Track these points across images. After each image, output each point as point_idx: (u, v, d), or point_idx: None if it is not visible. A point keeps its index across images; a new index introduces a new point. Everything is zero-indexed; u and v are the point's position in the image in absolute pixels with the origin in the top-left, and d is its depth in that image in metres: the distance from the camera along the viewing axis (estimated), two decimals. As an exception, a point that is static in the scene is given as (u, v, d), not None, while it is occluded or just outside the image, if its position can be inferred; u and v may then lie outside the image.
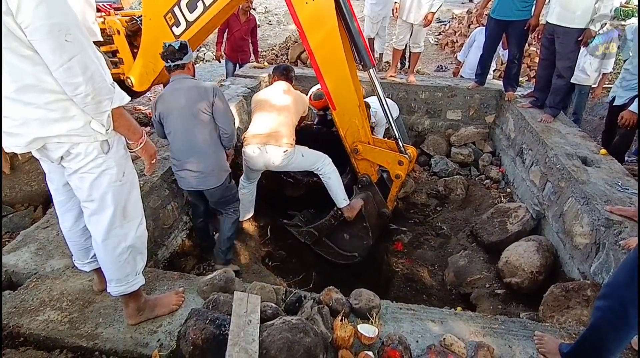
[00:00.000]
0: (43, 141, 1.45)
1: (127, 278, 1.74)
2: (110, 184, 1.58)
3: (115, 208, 1.61)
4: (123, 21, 3.86)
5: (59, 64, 1.29)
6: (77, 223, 1.78)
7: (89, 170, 1.53)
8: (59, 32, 1.27)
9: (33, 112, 1.37)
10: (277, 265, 3.58)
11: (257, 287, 1.99)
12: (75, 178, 1.55)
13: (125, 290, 1.76)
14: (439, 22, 10.90)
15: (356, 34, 3.07)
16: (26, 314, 1.89)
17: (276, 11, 12.42)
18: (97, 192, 1.57)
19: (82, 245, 1.85)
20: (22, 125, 1.39)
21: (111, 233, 1.64)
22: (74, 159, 1.51)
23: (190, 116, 2.62)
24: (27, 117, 1.38)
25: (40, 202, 3.38)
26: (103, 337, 1.81)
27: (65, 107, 1.40)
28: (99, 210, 1.61)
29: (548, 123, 4.04)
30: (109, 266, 1.72)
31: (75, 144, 1.48)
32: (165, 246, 3.06)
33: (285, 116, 3.25)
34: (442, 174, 4.80)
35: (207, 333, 1.63)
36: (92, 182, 1.55)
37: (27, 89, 1.34)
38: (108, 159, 1.55)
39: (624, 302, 1.48)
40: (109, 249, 1.67)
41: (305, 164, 3.34)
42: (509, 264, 2.99)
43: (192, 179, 2.75)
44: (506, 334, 1.96)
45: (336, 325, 1.78)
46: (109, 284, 1.77)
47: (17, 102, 1.36)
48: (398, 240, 3.95)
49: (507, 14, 4.22)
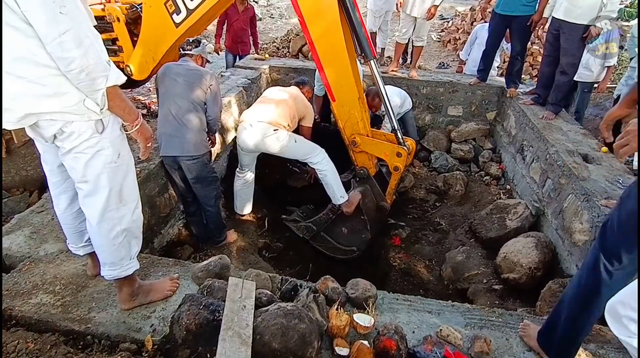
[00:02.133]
0: (35, 118, 1.41)
1: (121, 262, 1.72)
2: (105, 166, 1.55)
3: (110, 190, 1.58)
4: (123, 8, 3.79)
5: (52, 37, 1.26)
6: (72, 205, 1.76)
7: (82, 150, 1.50)
8: (54, 3, 1.23)
9: (25, 86, 1.34)
10: (274, 256, 3.56)
11: (253, 274, 1.97)
12: (69, 157, 1.52)
13: (119, 274, 1.74)
14: (442, 19, 10.85)
15: (358, 25, 3.04)
16: (18, 297, 1.86)
17: (278, 4, 12.37)
18: (91, 173, 1.54)
19: (76, 228, 1.82)
20: (13, 99, 1.36)
21: (106, 215, 1.61)
22: (67, 139, 1.47)
23: (184, 88, 2.77)
24: (19, 92, 1.35)
25: (36, 187, 3.35)
26: (95, 321, 1.78)
27: (59, 82, 1.37)
28: (93, 191, 1.58)
29: (550, 120, 4.02)
30: (103, 250, 1.69)
31: (68, 123, 1.44)
32: (162, 234, 3.04)
33: (282, 108, 3.30)
34: (441, 169, 4.78)
35: (201, 319, 1.61)
36: (87, 162, 1.52)
37: (20, 61, 1.31)
38: (103, 140, 1.52)
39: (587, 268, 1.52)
40: (104, 232, 1.64)
41: (298, 153, 3.34)
42: (507, 260, 2.98)
43: (169, 144, 2.80)
44: (503, 327, 1.95)
45: (332, 313, 1.76)
46: (102, 268, 1.74)
47: (9, 76, 1.32)
48: (396, 235, 3.94)
49: (512, 9, 4.20)
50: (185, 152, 2.79)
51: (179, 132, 2.77)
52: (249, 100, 4.50)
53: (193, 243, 3.23)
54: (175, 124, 2.77)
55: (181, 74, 2.80)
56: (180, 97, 2.76)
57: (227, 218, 3.58)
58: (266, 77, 5.29)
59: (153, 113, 4.20)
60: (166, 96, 2.80)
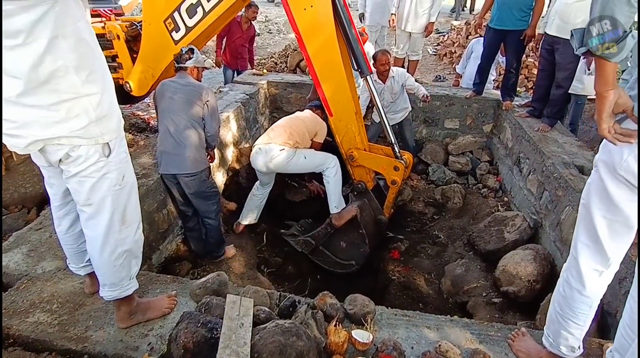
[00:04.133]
0: (43, 143, 1.39)
1: (121, 283, 1.71)
2: (110, 189, 1.54)
3: (113, 212, 1.58)
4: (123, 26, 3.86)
5: None
6: (73, 226, 1.76)
7: (89, 174, 1.49)
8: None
9: (36, 113, 1.32)
10: (272, 271, 3.55)
11: (251, 291, 1.97)
12: (75, 181, 1.51)
13: (119, 294, 1.73)
14: (438, 33, 11.01)
15: (354, 41, 3.09)
16: (16, 315, 1.85)
17: (276, 20, 12.54)
18: (96, 196, 1.53)
19: (77, 248, 1.83)
20: (22, 127, 1.34)
21: (109, 237, 1.60)
22: (73, 163, 1.46)
23: (181, 105, 2.77)
24: (29, 120, 1.33)
25: (34, 204, 3.35)
26: (93, 340, 1.77)
27: (69, 107, 1.36)
28: (96, 214, 1.57)
29: (545, 133, 4.05)
30: (103, 271, 1.68)
31: (75, 147, 1.43)
32: (160, 250, 3.04)
33: (291, 127, 3.38)
34: (439, 182, 4.80)
35: (199, 337, 1.60)
36: (92, 186, 1.51)
37: (32, 91, 1.29)
38: (109, 163, 1.52)
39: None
40: (106, 254, 1.63)
41: (310, 166, 3.42)
42: (505, 272, 2.97)
43: (168, 162, 2.82)
44: (502, 341, 1.93)
45: (330, 330, 1.75)
46: (102, 288, 1.73)
47: (18, 105, 1.30)
48: (395, 248, 3.93)
49: (506, 24, 4.27)
50: (183, 170, 2.81)
51: (177, 150, 2.78)
52: (248, 115, 4.54)
53: (192, 259, 3.22)
54: (173, 143, 2.78)
55: (178, 90, 2.80)
56: (177, 114, 2.77)
57: (226, 233, 3.58)
58: (264, 92, 5.33)
59: (152, 129, 4.23)
60: (164, 114, 2.82)
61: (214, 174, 3.58)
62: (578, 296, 1.57)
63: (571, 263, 1.60)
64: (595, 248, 1.48)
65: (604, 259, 1.49)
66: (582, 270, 1.53)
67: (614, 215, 1.40)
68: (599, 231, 1.44)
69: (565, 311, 1.63)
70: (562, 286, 1.66)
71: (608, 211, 1.41)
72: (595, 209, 1.44)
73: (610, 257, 1.48)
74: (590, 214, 1.46)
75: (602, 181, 1.39)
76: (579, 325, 1.62)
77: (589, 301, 1.58)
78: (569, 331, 1.64)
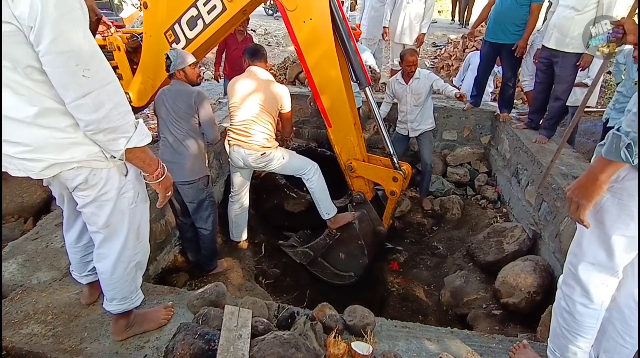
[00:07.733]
0: (59, 168, 1.34)
1: (131, 296, 1.70)
2: (126, 208, 1.52)
3: (128, 231, 1.56)
4: (124, 38, 3.89)
5: (70, 99, 1.21)
6: (80, 238, 1.75)
7: (110, 197, 1.46)
8: (77, 66, 1.17)
9: (51, 135, 1.28)
10: (270, 282, 3.51)
11: (249, 302, 1.94)
12: (94, 206, 1.46)
13: (128, 307, 1.72)
14: (435, 46, 11.14)
15: (352, 53, 3.12)
16: (10, 327, 1.83)
17: (275, 33, 12.67)
18: (114, 218, 1.50)
19: (82, 258, 1.82)
20: (38, 149, 1.29)
21: (123, 254, 1.59)
22: (93, 187, 1.42)
23: (174, 113, 2.77)
24: (43, 142, 1.28)
25: (31, 214, 3.32)
26: (87, 352, 1.74)
27: None
28: (112, 237, 1.54)
29: (543, 144, 4.08)
30: (114, 287, 1.65)
31: (95, 170, 1.39)
32: (157, 261, 3.01)
33: (261, 120, 3.14)
34: (438, 193, 4.80)
35: (196, 348, 1.58)
36: (112, 209, 1.47)
37: (48, 112, 1.26)
38: (127, 183, 1.50)
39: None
40: (119, 271, 1.61)
41: (289, 168, 3.33)
42: (505, 284, 2.95)
43: (167, 171, 2.76)
44: (504, 354, 1.91)
45: (329, 341, 1.73)
46: (109, 303, 1.70)
47: (32, 127, 1.25)
48: (394, 260, 3.91)
49: (500, 38, 4.33)
50: (180, 177, 2.81)
51: (175, 158, 2.80)
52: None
53: (189, 270, 3.19)
54: (172, 151, 2.80)
55: (169, 99, 2.79)
56: (173, 124, 2.79)
57: (224, 244, 3.55)
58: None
59: (153, 139, 4.23)
60: (162, 123, 2.85)
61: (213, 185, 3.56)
62: (584, 310, 1.56)
63: (570, 278, 1.59)
64: (607, 265, 1.47)
65: (614, 272, 1.48)
66: (588, 287, 1.52)
67: (633, 231, 1.38)
68: (615, 250, 1.43)
69: (572, 326, 1.60)
70: (564, 301, 1.64)
71: (627, 228, 1.38)
72: (614, 229, 1.40)
73: (620, 268, 1.47)
74: (607, 235, 1.43)
75: (621, 200, 1.36)
76: (587, 339, 1.60)
77: (596, 313, 1.56)
78: (577, 345, 1.62)
